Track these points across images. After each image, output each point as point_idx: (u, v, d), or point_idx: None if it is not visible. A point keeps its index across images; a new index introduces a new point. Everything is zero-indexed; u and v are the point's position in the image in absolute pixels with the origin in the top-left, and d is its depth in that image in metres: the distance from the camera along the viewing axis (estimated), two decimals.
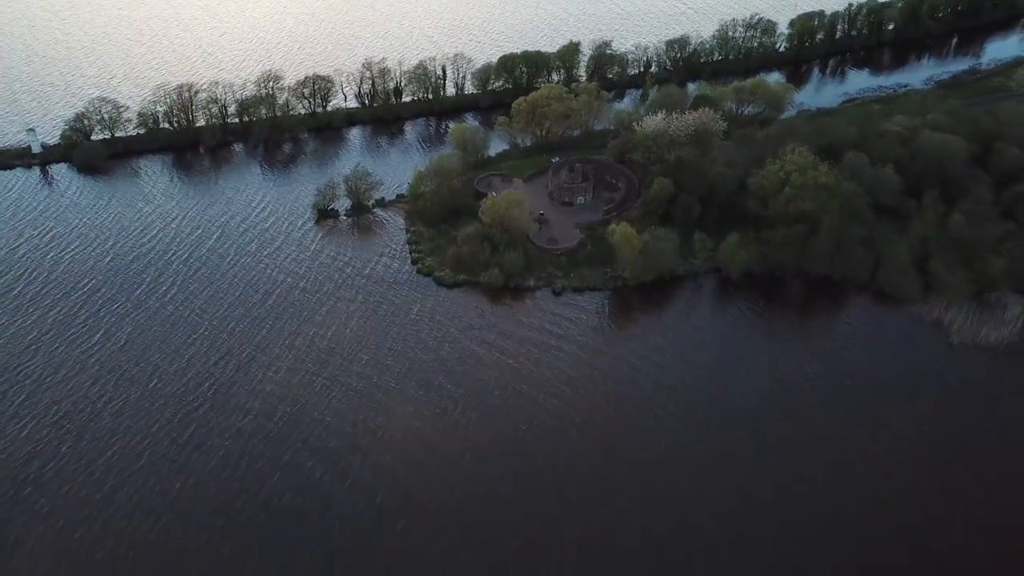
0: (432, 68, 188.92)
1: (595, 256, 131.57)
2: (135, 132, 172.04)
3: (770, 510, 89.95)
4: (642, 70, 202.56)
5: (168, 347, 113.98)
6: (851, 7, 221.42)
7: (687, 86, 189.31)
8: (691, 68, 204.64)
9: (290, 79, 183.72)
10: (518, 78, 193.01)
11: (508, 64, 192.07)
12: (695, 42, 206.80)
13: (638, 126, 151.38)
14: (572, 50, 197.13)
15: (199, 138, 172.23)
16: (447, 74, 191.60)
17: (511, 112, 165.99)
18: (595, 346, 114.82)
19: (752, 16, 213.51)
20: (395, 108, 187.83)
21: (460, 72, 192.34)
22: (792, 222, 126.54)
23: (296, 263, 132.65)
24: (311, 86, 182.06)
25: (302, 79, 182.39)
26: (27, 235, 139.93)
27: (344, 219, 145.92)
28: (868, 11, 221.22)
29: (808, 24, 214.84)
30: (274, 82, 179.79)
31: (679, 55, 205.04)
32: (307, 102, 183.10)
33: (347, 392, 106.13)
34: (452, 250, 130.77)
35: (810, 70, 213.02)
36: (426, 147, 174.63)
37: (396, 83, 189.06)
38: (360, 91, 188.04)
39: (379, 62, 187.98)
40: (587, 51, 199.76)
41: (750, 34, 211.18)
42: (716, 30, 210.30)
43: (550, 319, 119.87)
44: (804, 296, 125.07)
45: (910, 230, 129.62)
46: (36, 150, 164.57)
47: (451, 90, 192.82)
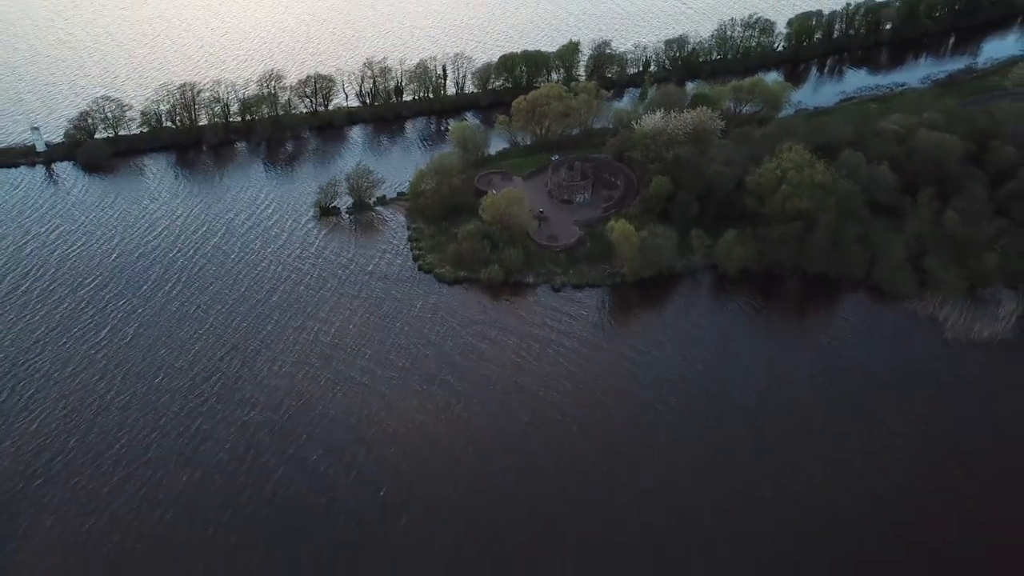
0: (433, 67, 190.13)
1: (594, 253, 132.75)
2: (138, 131, 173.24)
3: (768, 506, 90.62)
4: (641, 69, 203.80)
5: (174, 342, 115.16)
6: (849, 7, 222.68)
7: (686, 85, 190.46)
8: (690, 67, 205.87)
9: (292, 78, 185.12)
10: (518, 77, 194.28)
11: (508, 63, 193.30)
12: (694, 42, 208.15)
13: (637, 125, 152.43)
14: (572, 49, 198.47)
15: (202, 137, 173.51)
16: (448, 73, 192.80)
17: (511, 111, 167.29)
18: (595, 341, 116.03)
19: (750, 16, 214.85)
20: (396, 107, 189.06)
21: (460, 71, 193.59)
22: (789, 220, 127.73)
23: (300, 260, 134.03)
24: (313, 85, 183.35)
25: (304, 78, 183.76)
26: (34, 232, 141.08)
27: (346, 217, 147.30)
28: (866, 11, 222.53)
29: (806, 24, 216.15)
30: (276, 81, 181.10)
31: (678, 54, 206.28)
32: (309, 101, 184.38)
33: (351, 386, 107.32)
34: (453, 247, 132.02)
35: (808, 69, 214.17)
36: (427, 145, 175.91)
37: (397, 82, 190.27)
38: (361, 90, 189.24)
39: (380, 61, 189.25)
40: (586, 50, 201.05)
41: (748, 34, 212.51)
42: (715, 30, 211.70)
43: (550, 315, 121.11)
44: (801, 293, 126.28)
45: (905, 227, 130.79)
46: (40, 148, 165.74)
47: (452, 89, 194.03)
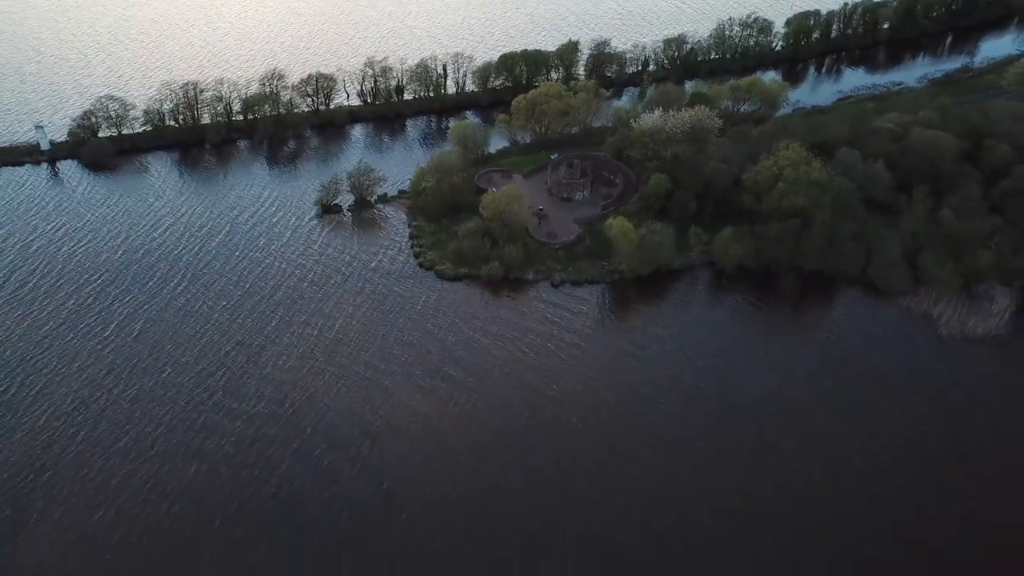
0: (433, 66, 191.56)
1: (593, 250, 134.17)
2: (141, 129, 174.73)
3: (768, 506, 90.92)
4: (640, 68, 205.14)
5: (180, 338, 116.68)
6: (846, 6, 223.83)
7: (684, 84, 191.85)
8: (688, 67, 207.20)
9: (294, 77, 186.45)
10: (518, 76, 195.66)
11: (508, 62, 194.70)
12: (692, 41, 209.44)
13: (635, 123, 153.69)
14: (571, 49, 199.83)
15: (204, 135, 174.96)
16: (448, 72, 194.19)
17: (511, 109, 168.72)
18: (595, 337, 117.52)
19: (749, 15, 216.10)
20: (397, 106, 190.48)
21: (461, 70, 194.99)
22: (785, 217, 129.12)
23: (303, 256, 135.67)
24: (314, 84, 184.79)
25: (305, 77, 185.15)
26: (40, 229, 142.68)
27: (347, 214, 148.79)
28: (863, 10, 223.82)
29: (804, 23, 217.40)
30: (278, 80, 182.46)
31: (676, 54, 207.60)
32: (310, 100, 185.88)
33: (355, 380, 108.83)
34: (453, 244, 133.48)
35: (806, 69, 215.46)
36: (427, 144, 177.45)
37: (398, 81, 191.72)
38: (363, 89, 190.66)
39: (381, 60, 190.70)
40: (586, 50, 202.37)
41: (747, 33, 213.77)
42: (713, 29, 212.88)
43: (551, 310, 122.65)
44: (797, 289, 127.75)
45: (901, 225, 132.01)
46: (44, 147, 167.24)
47: (452, 88, 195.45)
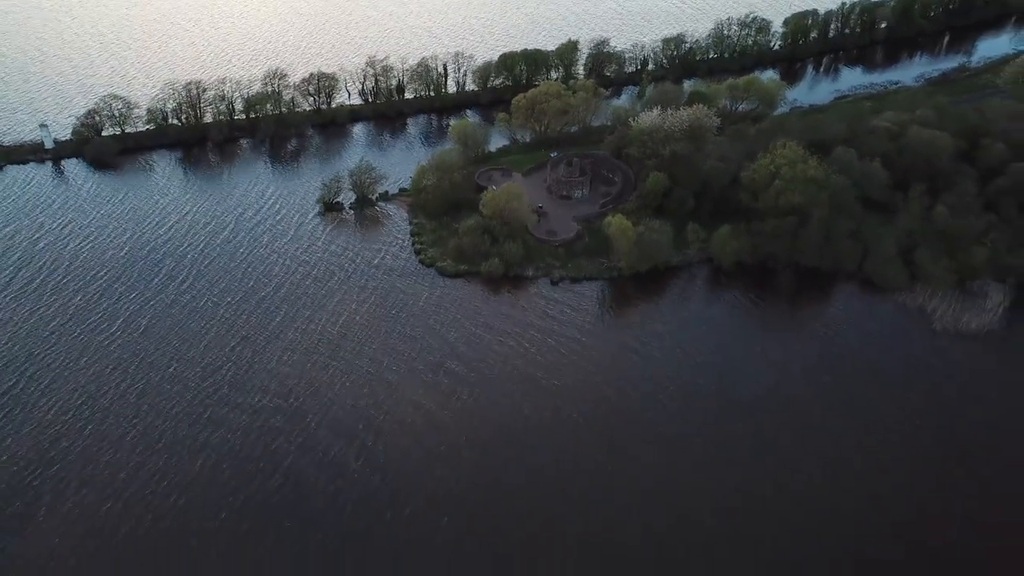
0: (434, 66, 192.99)
1: (592, 247, 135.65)
2: (145, 128, 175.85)
3: (769, 506, 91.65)
4: (639, 68, 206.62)
5: (186, 333, 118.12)
6: (844, 6, 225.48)
7: (683, 83, 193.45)
8: (687, 66, 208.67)
9: (296, 76, 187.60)
10: (518, 75, 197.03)
11: (508, 62, 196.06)
12: (691, 40, 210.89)
13: (634, 122, 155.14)
14: (571, 48, 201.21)
15: (207, 134, 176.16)
16: (448, 72, 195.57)
17: (511, 108, 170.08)
18: (595, 332, 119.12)
19: (747, 15, 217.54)
20: (398, 105, 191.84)
21: (461, 70, 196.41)
22: (782, 214, 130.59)
23: (307, 254, 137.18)
24: (316, 83, 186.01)
25: (307, 76, 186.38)
26: (47, 227, 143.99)
27: (349, 212, 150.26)
28: (861, 10, 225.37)
29: (802, 23, 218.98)
30: (280, 79, 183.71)
31: (675, 53, 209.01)
32: (312, 99, 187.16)
33: (360, 375, 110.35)
34: (453, 241, 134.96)
35: (804, 68, 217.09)
36: (428, 142, 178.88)
37: (399, 80, 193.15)
38: (364, 88, 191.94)
39: (382, 60, 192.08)
40: (585, 49, 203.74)
41: (745, 32, 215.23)
42: (712, 28, 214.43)
43: (551, 306, 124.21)
44: (794, 286, 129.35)
45: (897, 222, 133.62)
46: (49, 145, 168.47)
47: (452, 87, 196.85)
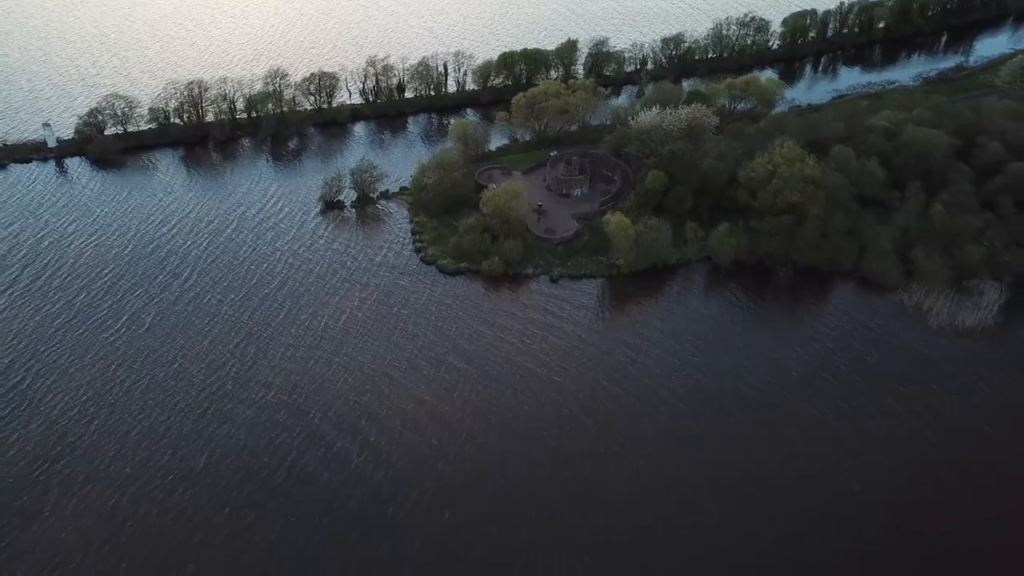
0: (434, 65, 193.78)
1: (591, 245, 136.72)
2: (147, 127, 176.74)
3: (767, 503, 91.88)
4: (638, 67, 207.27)
5: (191, 330, 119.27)
6: (842, 5, 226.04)
7: (681, 83, 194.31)
8: (685, 65, 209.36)
9: (297, 76, 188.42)
10: (518, 75, 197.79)
11: (508, 61, 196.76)
12: (690, 40, 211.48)
13: (633, 121, 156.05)
14: (570, 48, 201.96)
15: (209, 133, 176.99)
16: (449, 71, 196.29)
17: (511, 107, 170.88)
18: (595, 329, 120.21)
19: (746, 15, 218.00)
20: (398, 104, 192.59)
21: (461, 69, 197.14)
22: (780, 213, 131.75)
23: (309, 251, 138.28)
24: (317, 82, 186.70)
25: (308, 76, 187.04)
26: (51, 225, 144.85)
27: (350, 210, 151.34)
28: (859, 9, 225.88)
29: (800, 22, 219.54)
30: (281, 79, 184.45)
31: (674, 52, 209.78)
32: (313, 98, 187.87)
33: (362, 370, 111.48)
34: (454, 240, 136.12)
35: (802, 67, 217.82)
36: (428, 141, 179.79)
37: (399, 80, 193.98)
38: (364, 87, 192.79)
39: (383, 59, 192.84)
40: (585, 49, 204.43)
41: (743, 32, 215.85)
42: (710, 28, 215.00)
43: (551, 304, 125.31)
44: (792, 283, 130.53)
45: (893, 220, 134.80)
46: (51, 144, 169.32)
47: (452, 86, 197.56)
